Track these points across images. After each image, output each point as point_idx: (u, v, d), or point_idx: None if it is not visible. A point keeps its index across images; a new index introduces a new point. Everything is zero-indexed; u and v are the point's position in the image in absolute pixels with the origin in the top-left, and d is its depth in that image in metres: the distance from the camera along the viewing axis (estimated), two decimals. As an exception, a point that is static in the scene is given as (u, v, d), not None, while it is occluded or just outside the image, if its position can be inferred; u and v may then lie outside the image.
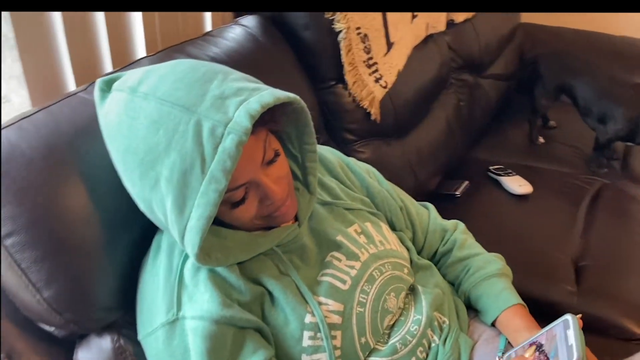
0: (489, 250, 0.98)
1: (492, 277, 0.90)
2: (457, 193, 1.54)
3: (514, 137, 1.91)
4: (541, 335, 0.74)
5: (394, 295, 0.82)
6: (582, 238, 1.38)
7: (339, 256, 0.81)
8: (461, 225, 1.00)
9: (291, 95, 0.70)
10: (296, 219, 0.81)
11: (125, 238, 0.78)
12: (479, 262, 0.93)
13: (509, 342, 0.85)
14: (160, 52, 0.99)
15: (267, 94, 0.66)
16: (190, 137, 0.61)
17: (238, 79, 0.68)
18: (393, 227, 0.95)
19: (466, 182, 1.59)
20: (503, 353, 0.83)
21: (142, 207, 0.68)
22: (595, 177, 1.66)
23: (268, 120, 0.69)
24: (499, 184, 1.58)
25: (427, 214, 1.00)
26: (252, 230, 0.76)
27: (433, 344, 0.82)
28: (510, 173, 1.59)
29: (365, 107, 1.32)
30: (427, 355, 0.81)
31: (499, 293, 0.88)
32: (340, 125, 1.32)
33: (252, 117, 0.62)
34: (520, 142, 1.88)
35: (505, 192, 1.55)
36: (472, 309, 0.93)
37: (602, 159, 1.72)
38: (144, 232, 0.77)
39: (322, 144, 1.25)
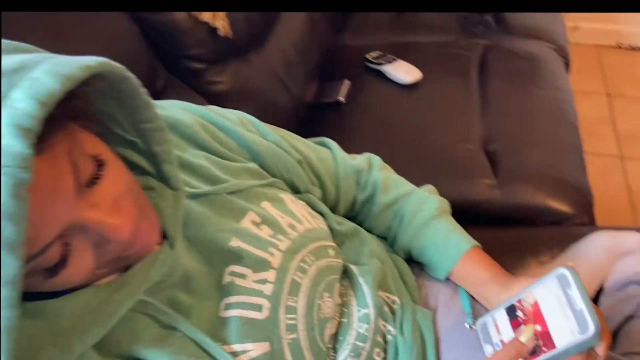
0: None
1: (432, 220, 0.71)
2: (341, 98, 1.31)
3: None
4: (526, 293, 0.57)
5: (328, 296, 0.60)
6: (483, 118, 1.25)
7: (242, 271, 0.56)
8: (376, 160, 0.78)
9: (93, 62, 0.39)
10: (164, 235, 0.54)
11: None
12: (411, 204, 0.73)
13: (472, 298, 0.69)
14: None
15: (44, 75, 0.35)
16: None
17: None
18: (296, 191, 0.70)
19: (346, 82, 1.35)
20: (473, 319, 0.66)
21: None
22: (474, 40, 1.51)
23: (66, 112, 0.39)
24: (383, 76, 1.37)
25: (331, 155, 0.76)
26: (97, 280, 0.48)
27: (389, 337, 0.63)
28: (391, 59, 1.38)
29: (206, 21, 0.99)
30: (386, 353, 0.62)
31: (445, 239, 0.70)
32: (180, 53, 0.99)
33: (26, 131, 0.32)
34: (384, 15, 1.66)
35: (393, 84, 1.34)
36: (416, 263, 0.75)
37: (474, 15, 1.57)
38: None
39: (164, 88, 0.93)
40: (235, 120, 0.68)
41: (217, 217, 0.58)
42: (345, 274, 0.66)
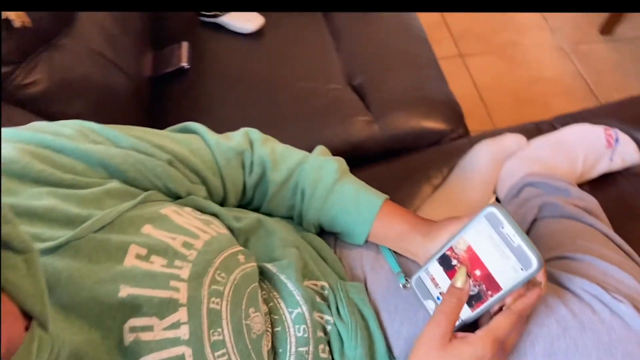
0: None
1: (335, 186, 0.65)
2: (184, 64, 1.15)
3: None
4: (457, 240, 0.54)
5: (254, 310, 0.51)
6: (339, 54, 1.19)
7: (145, 322, 0.45)
8: (255, 134, 0.68)
9: None
10: (28, 316, 0.40)
11: None
12: (308, 175, 0.65)
13: (397, 254, 0.65)
14: None
15: None
16: None
17: None
18: (177, 197, 0.59)
19: (184, 44, 1.20)
20: (405, 277, 0.62)
21: None
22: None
23: None
24: (222, 28, 1.23)
25: (203, 143, 0.64)
26: None
27: (329, 327, 0.57)
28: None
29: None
30: (331, 346, 0.56)
31: (355, 202, 0.64)
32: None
33: None
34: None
35: (236, 36, 1.22)
36: (329, 234, 0.69)
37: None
38: None
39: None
40: (73, 133, 0.53)
41: (91, 266, 0.45)
42: (263, 275, 0.57)
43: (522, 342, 0.55)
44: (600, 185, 0.92)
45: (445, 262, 0.55)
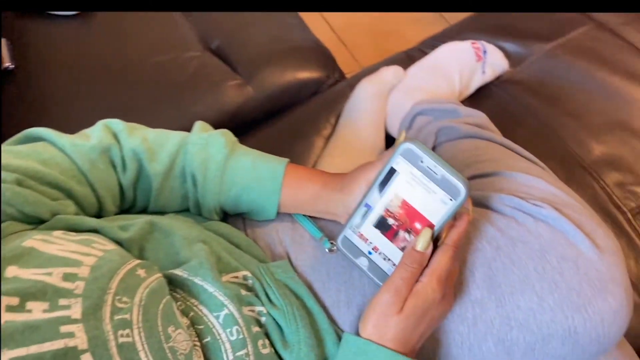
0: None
1: (228, 162, 0.57)
2: (8, 65, 0.96)
3: None
4: (375, 189, 0.50)
5: (174, 328, 0.44)
6: (187, 18, 1.07)
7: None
8: (116, 125, 0.57)
9: None
10: None
11: None
12: (195, 156, 0.56)
13: (313, 218, 0.60)
14: None
15: None
16: None
17: None
18: (40, 221, 0.47)
19: (2, 41, 1.00)
20: (329, 240, 0.57)
21: None
22: None
23: None
24: (41, 14, 1.05)
25: (54, 149, 0.52)
26: None
27: (263, 318, 0.50)
28: None
29: None
30: (270, 338, 0.50)
31: (255, 176, 0.57)
32: None
33: None
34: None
35: (59, 19, 1.04)
36: (235, 216, 0.61)
37: None
38: None
39: None
40: None
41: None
42: (174, 284, 0.49)
43: (462, 274, 0.53)
44: (478, 100, 0.93)
45: (368, 213, 0.51)
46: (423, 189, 0.47)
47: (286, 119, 0.95)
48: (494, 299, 0.51)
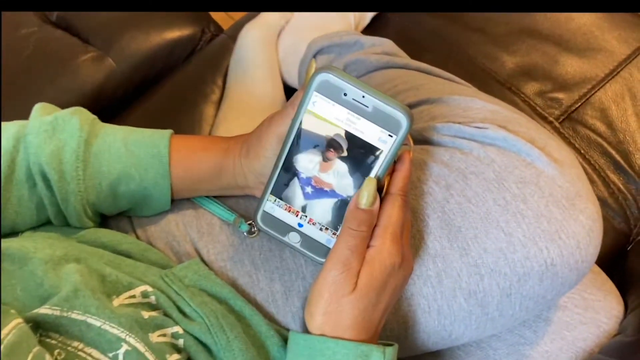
0: None
1: (88, 148, 0.42)
2: None
3: None
4: (291, 144, 0.39)
5: None
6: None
7: None
8: None
9: None
10: None
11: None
12: (40, 148, 0.41)
13: (218, 198, 0.47)
14: None
15: None
16: None
17: None
18: None
19: None
20: (245, 221, 0.45)
21: None
22: None
23: None
24: None
25: None
26: None
27: (180, 340, 0.38)
28: None
29: None
30: (193, 356, 0.38)
31: (130, 158, 0.43)
32: None
33: None
34: None
35: None
36: (115, 217, 0.47)
37: None
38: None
39: None
40: None
41: None
42: (44, 328, 0.35)
43: (413, 226, 0.44)
44: (377, 31, 0.84)
45: (303, 183, 0.40)
46: (355, 129, 0.37)
47: (163, 89, 0.79)
48: (457, 247, 0.43)
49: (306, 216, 0.41)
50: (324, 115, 0.37)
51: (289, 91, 0.78)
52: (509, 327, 0.49)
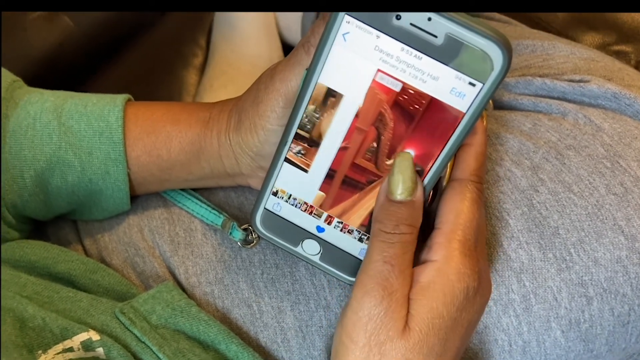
0: None
1: (6, 121, 0.28)
2: None
3: None
4: (304, 107, 0.25)
5: None
6: None
7: None
8: None
9: None
10: None
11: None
12: None
13: (197, 191, 0.33)
14: None
15: None
16: None
17: None
18: None
19: None
20: (238, 226, 0.31)
21: None
22: None
23: None
24: None
25: None
26: None
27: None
28: None
29: None
30: None
31: (64, 131, 0.29)
32: None
33: None
34: None
35: None
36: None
37: None
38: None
39: None
40: None
41: None
42: None
43: (488, 226, 0.30)
44: None
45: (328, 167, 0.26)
46: (408, 78, 0.23)
47: (134, 54, 0.65)
48: (553, 258, 0.29)
49: (330, 217, 0.27)
50: (361, 54, 0.23)
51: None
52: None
